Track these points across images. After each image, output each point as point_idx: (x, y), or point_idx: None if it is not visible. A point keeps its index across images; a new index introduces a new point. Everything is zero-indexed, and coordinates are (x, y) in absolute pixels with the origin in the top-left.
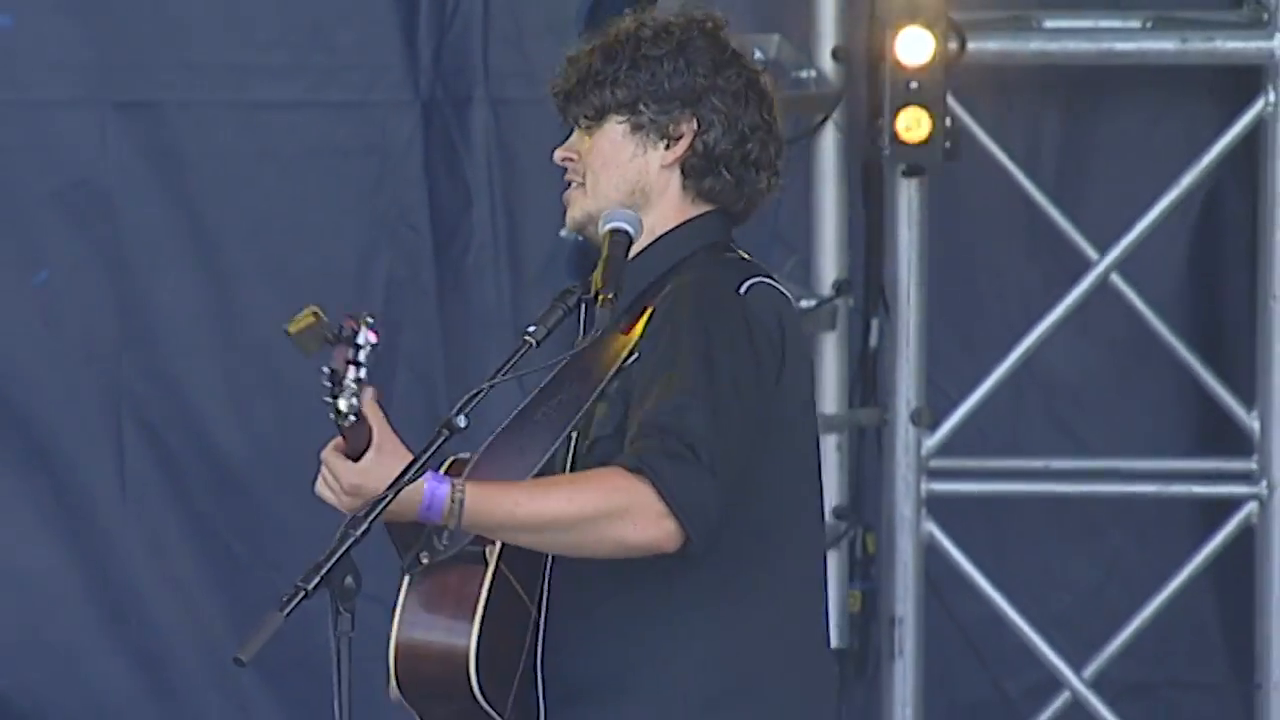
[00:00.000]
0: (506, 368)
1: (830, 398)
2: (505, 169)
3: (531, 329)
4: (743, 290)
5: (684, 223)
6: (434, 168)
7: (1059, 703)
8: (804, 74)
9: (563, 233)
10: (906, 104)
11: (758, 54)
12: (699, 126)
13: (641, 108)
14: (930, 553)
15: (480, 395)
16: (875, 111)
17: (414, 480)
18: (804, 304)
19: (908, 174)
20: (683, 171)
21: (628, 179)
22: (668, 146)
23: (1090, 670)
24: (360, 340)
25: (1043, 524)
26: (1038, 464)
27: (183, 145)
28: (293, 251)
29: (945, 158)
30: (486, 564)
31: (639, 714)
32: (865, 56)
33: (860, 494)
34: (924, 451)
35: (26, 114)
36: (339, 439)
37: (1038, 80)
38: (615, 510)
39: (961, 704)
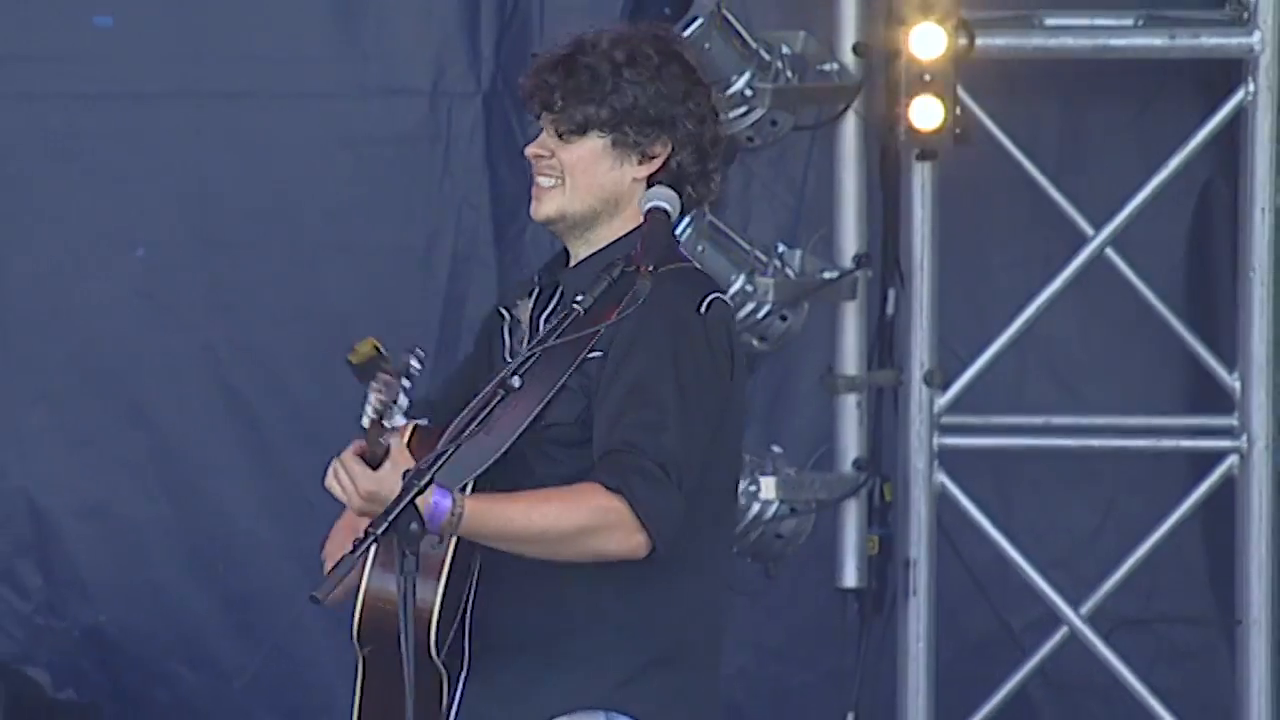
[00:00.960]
0: (557, 332)
1: (850, 360)
2: None
3: (579, 298)
4: (703, 309)
5: (638, 230)
6: (494, 154)
7: (1058, 637)
8: (827, 67)
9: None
10: (920, 94)
11: (784, 49)
12: (673, 149)
13: (626, 129)
14: (941, 501)
15: (532, 358)
16: (892, 101)
17: (427, 483)
18: (826, 275)
19: (921, 158)
20: (648, 184)
21: (605, 188)
22: (641, 163)
23: (1087, 607)
24: (411, 369)
25: (1044, 474)
26: (1040, 420)
27: (269, 133)
28: (367, 230)
29: (955, 143)
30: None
31: (561, 680)
32: (883, 51)
33: (878, 448)
34: (936, 409)
35: (129, 105)
36: (360, 444)
37: (1039, 73)
38: (597, 527)
39: (970, 638)
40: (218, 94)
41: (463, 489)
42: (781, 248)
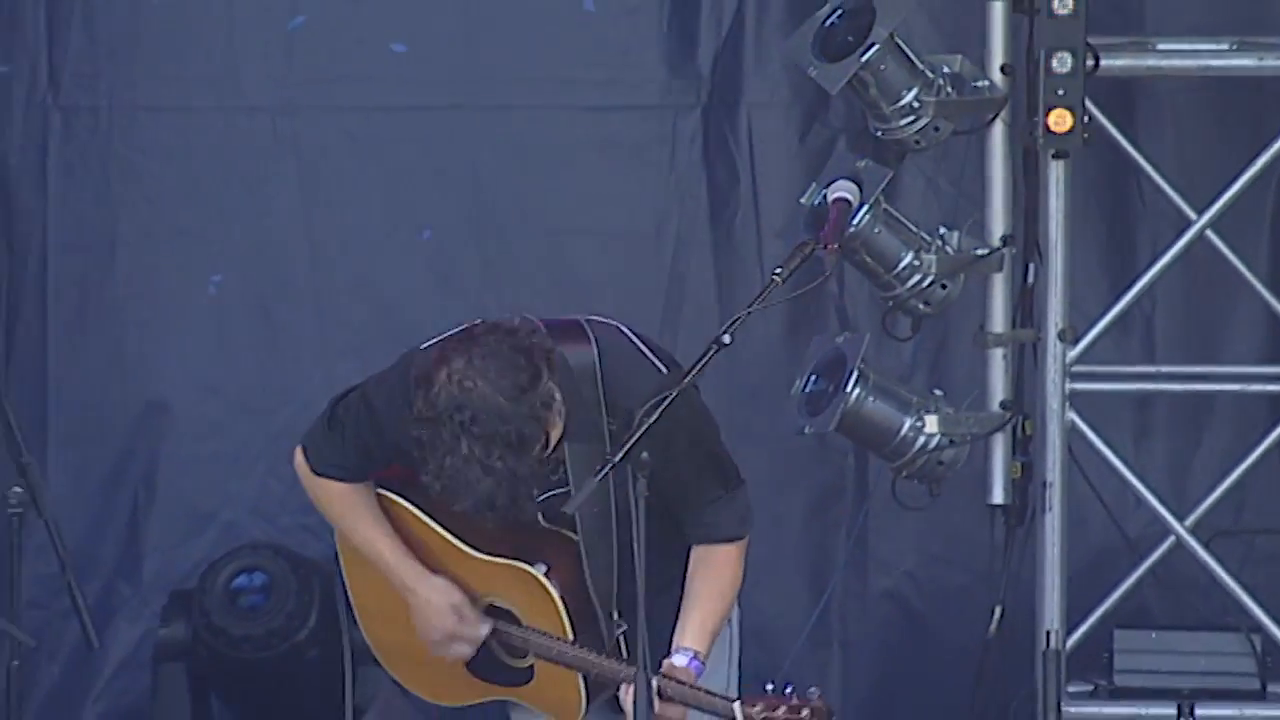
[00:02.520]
0: (760, 298)
1: (998, 321)
2: (760, 154)
3: (778, 270)
4: (662, 368)
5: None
6: (710, 154)
7: (1166, 544)
8: (980, 84)
9: (803, 199)
10: (1055, 106)
11: (945, 69)
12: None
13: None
14: (1072, 434)
15: (739, 320)
16: (1032, 111)
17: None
18: (979, 252)
19: (1056, 157)
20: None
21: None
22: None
23: (1190, 520)
24: None
25: (1155, 412)
26: (1151, 369)
27: (533, 139)
28: (608, 218)
29: (1083, 144)
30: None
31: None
32: (1025, 70)
33: (1020, 391)
34: (1067, 360)
35: (420, 116)
36: None
37: (1150, 87)
38: (739, 573)
39: (1094, 546)
40: (492, 106)
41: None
42: (943, 230)
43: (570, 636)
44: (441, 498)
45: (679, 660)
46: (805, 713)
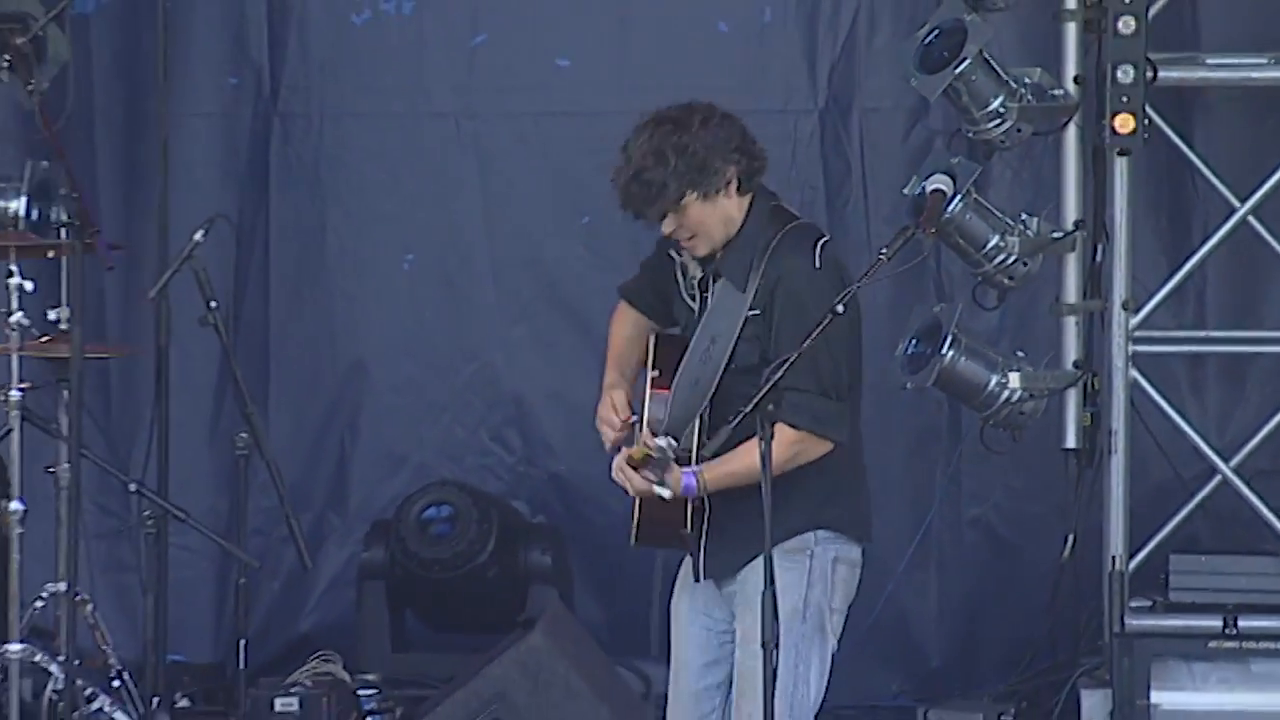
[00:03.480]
0: (868, 274)
1: (1071, 293)
2: (868, 152)
3: (883, 250)
4: (818, 263)
5: (749, 211)
6: (827, 150)
7: (1214, 482)
8: (1056, 92)
9: (905, 190)
10: (1119, 111)
11: (1026, 79)
12: (735, 168)
13: (696, 183)
14: (1134, 388)
15: (851, 292)
16: (1100, 115)
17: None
18: (1055, 235)
19: (1120, 154)
20: (738, 191)
21: (722, 220)
22: (724, 190)
23: (1234, 461)
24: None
25: (1205, 370)
26: (1200, 333)
27: None
28: None
29: (1144, 143)
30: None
31: (779, 520)
32: (1094, 80)
33: (1090, 352)
34: (1130, 326)
35: (577, 121)
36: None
37: (1202, 95)
38: (796, 455)
39: (1152, 484)
40: (641, 111)
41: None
42: (1024, 216)
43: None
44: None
45: (685, 471)
46: None
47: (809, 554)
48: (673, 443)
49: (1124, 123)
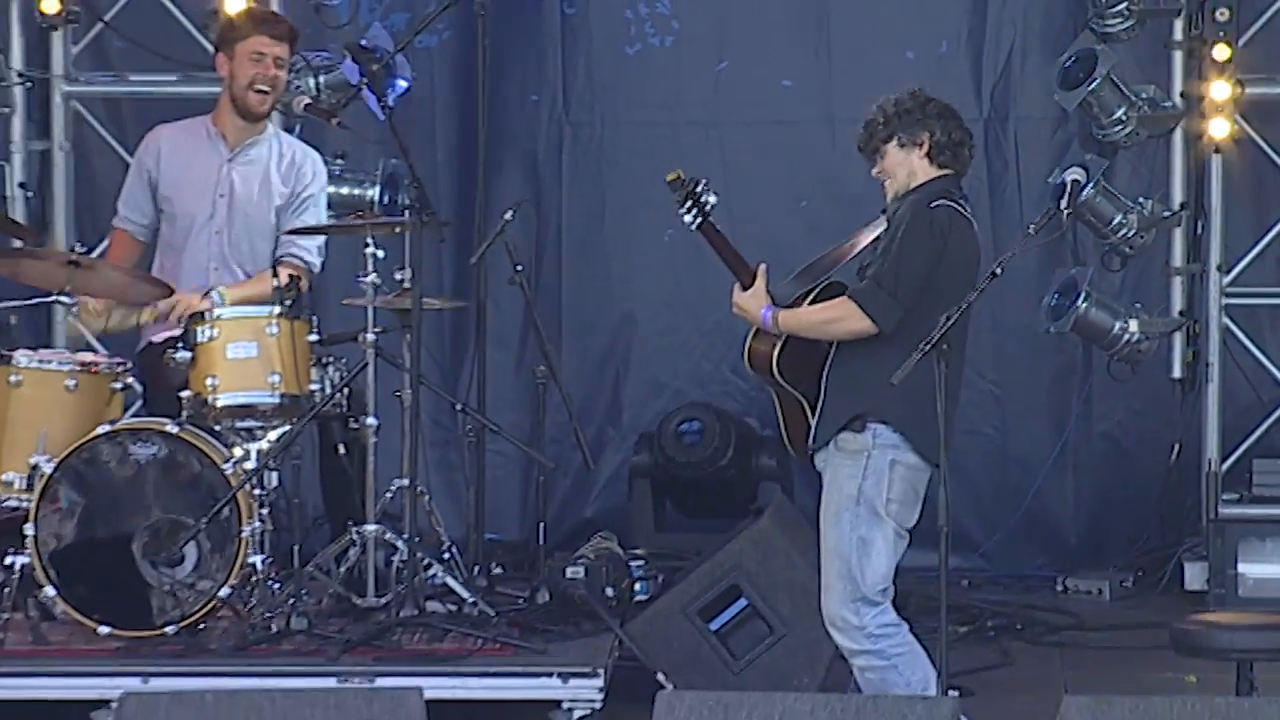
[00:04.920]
0: (1021, 245)
1: (1178, 258)
2: (1021, 150)
3: (1031, 226)
4: (925, 211)
5: (929, 180)
6: (990, 151)
7: None
8: (1166, 104)
9: (1049, 179)
10: (1215, 117)
11: (1143, 94)
12: (930, 136)
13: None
14: (1226, 331)
15: (1007, 259)
16: (1200, 121)
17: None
18: (1165, 214)
19: (1216, 152)
20: (929, 158)
21: (906, 171)
22: (917, 149)
23: None
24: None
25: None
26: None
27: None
28: None
29: (1234, 144)
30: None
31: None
32: (1197, 94)
33: (1192, 304)
34: (1223, 284)
35: (791, 129)
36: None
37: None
38: (843, 316)
39: (1240, 405)
40: (846, 120)
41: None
42: (1141, 199)
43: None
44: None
45: (766, 306)
46: None
47: (866, 455)
48: (681, 172)
49: (1219, 128)
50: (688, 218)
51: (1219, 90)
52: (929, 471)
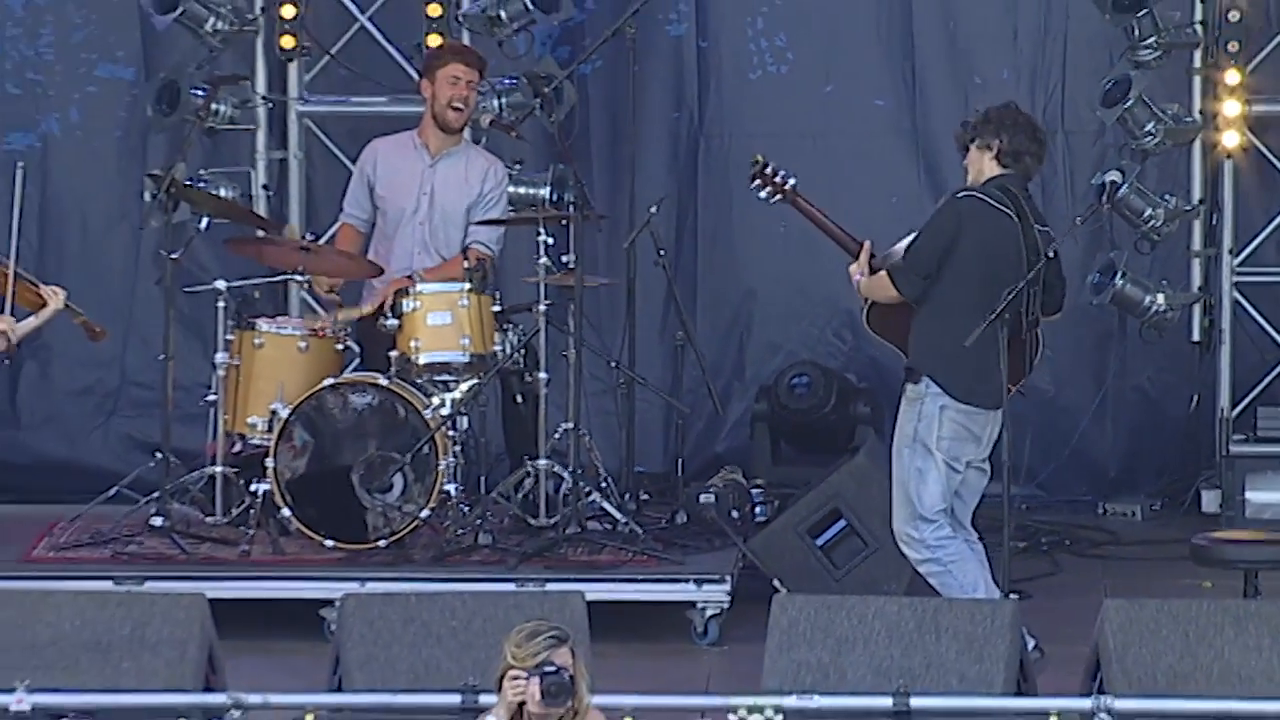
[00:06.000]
0: (1068, 232)
1: (1197, 242)
2: (1070, 156)
3: (1078, 218)
4: (958, 196)
5: (992, 177)
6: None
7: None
8: (1188, 119)
9: (1092, 181)
10: (1227, 130)
11: (1167, 110)
12: (999, 144)
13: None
14: (1236, 304)
15: (1057, 243)
16: (1214, 133)
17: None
18: (1185, 208)
19: (1227, 158)
20: (997, 160)
21: (976, 169)
22: (988, 150)
23: None
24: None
25: None
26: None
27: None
28: None
29: (1243, 151)
30: None
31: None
32: (1212, 111)
33: (1209, 280)
34: (1233, 264)
35: (892, 138)
36: None
37: None
38: (883, 285)
39: (1248, 364)
40: (927, 132)
41: None
42: (1167, 195)
43: None
44: None
45: (858, 271)
46: None
47: (921, 401)
48: (759, 156)
49: (1230, 138)
50: (761, 194)
51: (1230, 108)
52: (984, 414)
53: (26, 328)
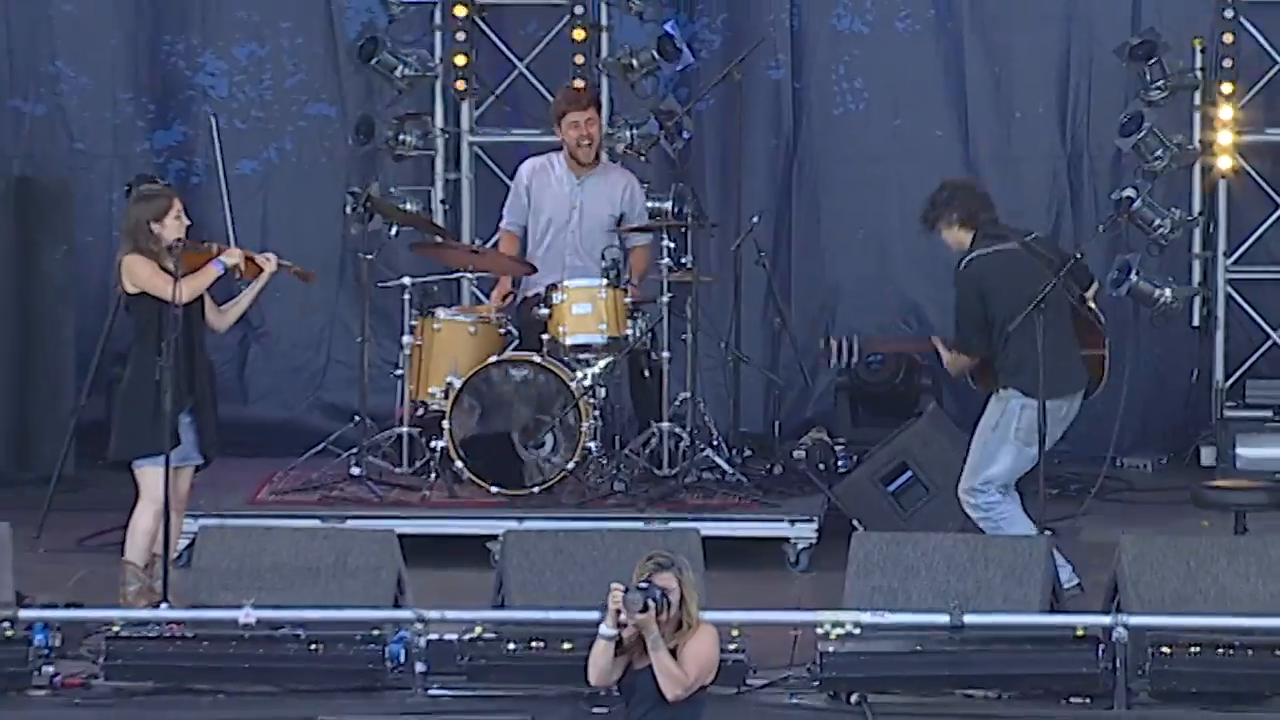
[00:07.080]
0: (1094, 237)
1: (1197, 245)
2: (1093, 177)
3: (1099, 227)
4: (961, 267)
5: (970, 241)
6: (1072, 176)
7: (1267, 344)
8: (1190, 145)
9: (1111, 195)
10: (1220, 155)
11: (1175, 139)
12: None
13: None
14: (1229, 299)
15: (1084, 245)
16: (1211, 158)
17: None
18: (1188, 217)
19: (1221, 177)
20: (960, 226)
21: (956, 244)
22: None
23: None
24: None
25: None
26: (1271, 268)
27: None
28: (1016, 197)
29: (1235, 174)
30: None
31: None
32: (1209, 140)
33: (1207, 276)
34: (1227, 264)
35: (947, 163)
36: None
37: (1271, 147)
38: (960, 359)
39: (1239, 344)
40: (977, 158)
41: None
42: (1173, 208)
43: None
44: None
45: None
46: None
47: (1007, 401)
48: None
49: (1224, 163)
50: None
51: (1224, 138)
52: (1063, 402)
53: (261, 282)
